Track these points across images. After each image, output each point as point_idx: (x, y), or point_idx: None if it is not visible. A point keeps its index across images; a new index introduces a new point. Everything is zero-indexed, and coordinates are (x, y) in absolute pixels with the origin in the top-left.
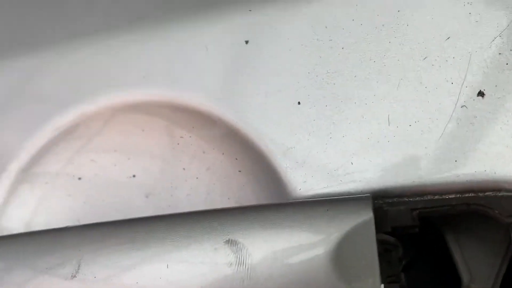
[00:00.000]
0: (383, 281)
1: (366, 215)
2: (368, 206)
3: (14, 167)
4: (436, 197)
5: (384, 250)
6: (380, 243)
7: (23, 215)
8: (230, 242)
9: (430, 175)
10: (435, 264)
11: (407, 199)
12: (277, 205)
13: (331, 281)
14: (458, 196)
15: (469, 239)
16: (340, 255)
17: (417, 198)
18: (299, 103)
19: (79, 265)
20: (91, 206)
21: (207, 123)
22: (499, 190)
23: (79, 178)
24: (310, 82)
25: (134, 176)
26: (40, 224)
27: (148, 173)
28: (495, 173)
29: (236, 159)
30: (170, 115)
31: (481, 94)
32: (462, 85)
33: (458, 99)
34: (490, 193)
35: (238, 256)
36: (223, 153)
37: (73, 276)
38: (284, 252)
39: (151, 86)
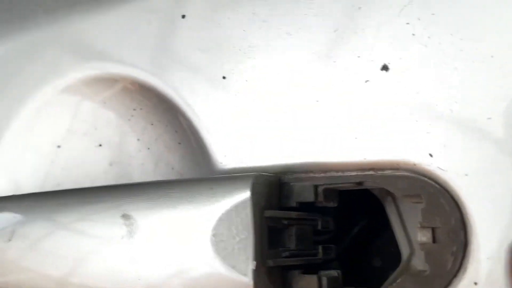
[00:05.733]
0: (271, 257)
1: (244, 195)
2: (246, 185)
3: None
4: (339, 173)
5: (284, 225)
6: (274, 219)
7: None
8: (124, 216)
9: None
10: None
11: (312, 175)
12: (170, 182)
13: (209, 256)
14: (358, 173)
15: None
16: (218, 232)
17: (321, 174)
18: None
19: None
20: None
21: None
22: (397, 169)
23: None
24: None
25: (100, 145)
26: None
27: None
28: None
29: (176, 131)
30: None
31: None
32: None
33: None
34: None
35: (129, 230)
36: (166, 125)
37: None
38: (170, 226)
39: None
